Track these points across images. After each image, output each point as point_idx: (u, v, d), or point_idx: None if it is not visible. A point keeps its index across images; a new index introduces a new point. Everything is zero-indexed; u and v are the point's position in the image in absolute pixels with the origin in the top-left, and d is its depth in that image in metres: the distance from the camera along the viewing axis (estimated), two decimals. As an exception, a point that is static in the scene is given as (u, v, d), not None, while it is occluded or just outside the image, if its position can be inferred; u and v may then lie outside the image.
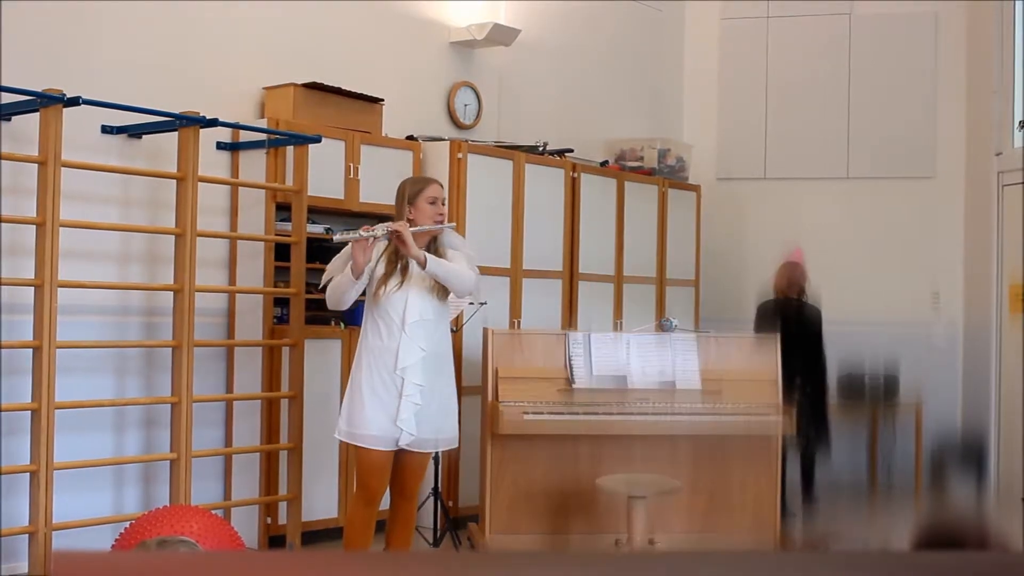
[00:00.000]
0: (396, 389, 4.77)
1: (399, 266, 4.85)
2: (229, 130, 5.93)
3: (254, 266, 5.94)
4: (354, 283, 4.79)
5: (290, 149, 5.90)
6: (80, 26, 5.49)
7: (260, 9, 6.23)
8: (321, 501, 6.04)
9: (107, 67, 5.55)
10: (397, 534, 5.01)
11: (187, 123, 5.36)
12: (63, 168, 4.88)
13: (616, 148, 8.26)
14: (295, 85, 6.07)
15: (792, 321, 7.31)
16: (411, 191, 4.95)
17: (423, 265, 4.74)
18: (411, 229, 4.80)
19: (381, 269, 4.86)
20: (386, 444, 4.80)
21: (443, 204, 4.98)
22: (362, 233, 4.75)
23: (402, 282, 4.81)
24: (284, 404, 5.86)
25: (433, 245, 4.92)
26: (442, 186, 5.07)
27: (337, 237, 4.94)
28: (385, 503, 5.01)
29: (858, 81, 8.77)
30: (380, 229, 4.78)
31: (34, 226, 4.86)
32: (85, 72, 5.41)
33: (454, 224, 5.17)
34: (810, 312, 7.29)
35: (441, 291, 4.87)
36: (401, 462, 4.90)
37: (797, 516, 7.14)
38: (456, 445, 5.09)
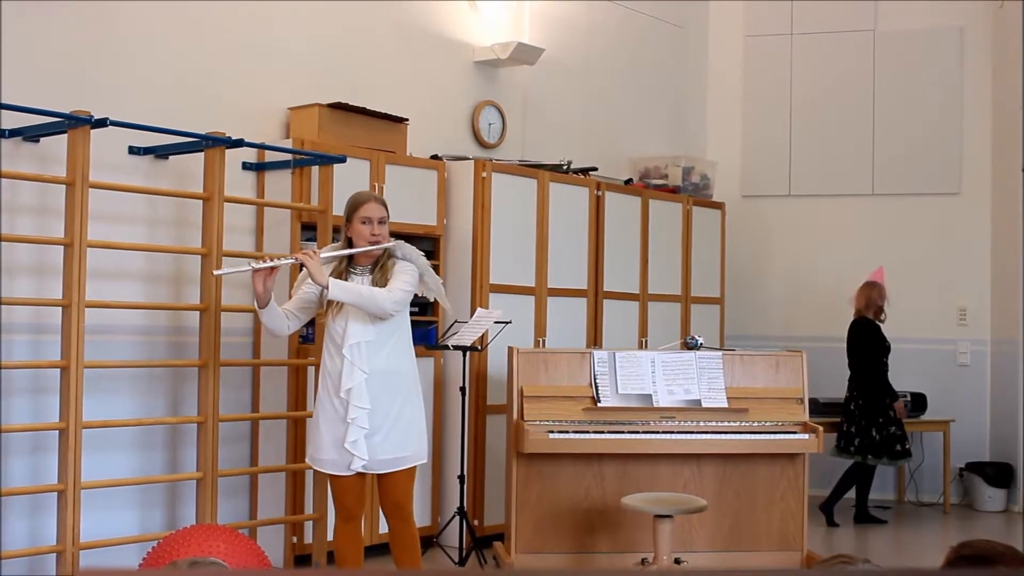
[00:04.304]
0: (343, 412, 4.67)
1: None
2: (255, 150, 5.97)
3: (279, 285, 5.94)
4: (263, 312, 4.70)
5: (315, 169, 5.93)
6: (107, 48, 5.53)
7: (285, 30, 6.27)
8: (347, 520, 6.03)
9: (134, 88, 5.60)
10: (399, 555, 4.88)
11: (213, 143, 5.39)
12: (90, 189, 4.91)
13: (640, 166, 8.27)
14: (320, 105, 6.11)
15: (866, 341, 7.42)
16: (348, 209, 4.78)
17: (326, 290, 4.58)
18: (326, 253, 4.73)
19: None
20: (340, 468, 4.71)
21: (380, 223, 4.71)
22: (253, 265, 4.63)
23: (343, 305, 4.67)
24: (309, 423, 5.87)
25: (382, 260, 4.77)
26: (383, 204, 4.77)
27: (217, 272, 4.97)
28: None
29: (883, 97, 8.74)
30: (283, 260, 4.72)
31: (62, 247, 4.89)
32: (112, 94, 5.46)
33: (391, 244, 4.76)
34: (875, 331, 7.50)
35: None
36: (380, 482, 4.80)
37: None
38: (424, 460, 4.88)
